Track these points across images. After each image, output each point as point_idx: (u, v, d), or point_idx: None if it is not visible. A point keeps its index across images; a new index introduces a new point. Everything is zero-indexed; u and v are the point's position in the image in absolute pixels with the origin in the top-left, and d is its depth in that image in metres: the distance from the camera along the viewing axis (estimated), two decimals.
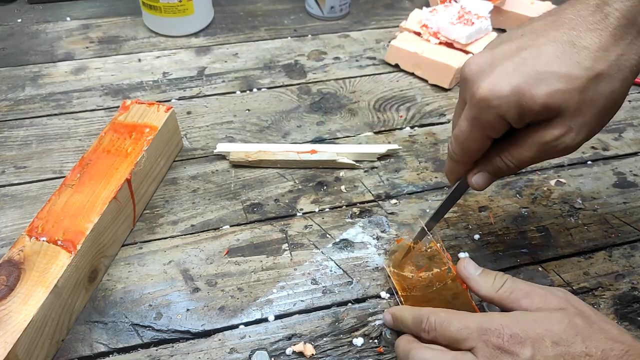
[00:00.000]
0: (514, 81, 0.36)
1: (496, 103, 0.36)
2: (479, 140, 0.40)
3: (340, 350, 0.46)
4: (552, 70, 0.35)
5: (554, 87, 0.35)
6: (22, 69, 0.74)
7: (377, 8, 0.89)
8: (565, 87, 0.35)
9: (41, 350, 0.43)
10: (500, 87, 0.36)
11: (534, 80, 0.35)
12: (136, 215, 0.55)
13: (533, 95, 0.35)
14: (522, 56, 0.36)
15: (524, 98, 0.36)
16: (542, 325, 0.36)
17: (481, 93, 0.37)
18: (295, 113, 0.69)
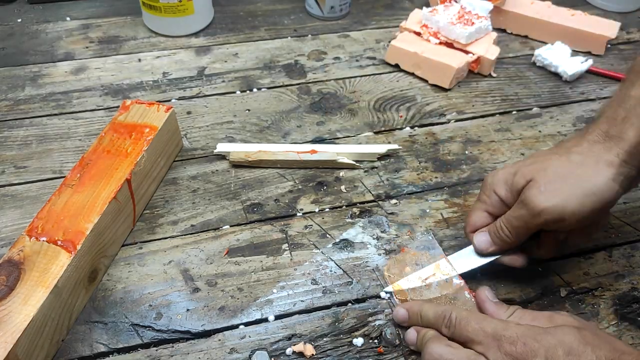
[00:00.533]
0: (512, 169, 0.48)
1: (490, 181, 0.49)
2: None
3: (340, 350, 0.46)
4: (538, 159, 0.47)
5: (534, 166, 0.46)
6: (22, 69, 0.74)
7: (377, 8, 0.89)
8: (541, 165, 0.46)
9: (41, 351, 0.43)
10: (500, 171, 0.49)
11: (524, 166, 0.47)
12: (136, 215, 0.55)
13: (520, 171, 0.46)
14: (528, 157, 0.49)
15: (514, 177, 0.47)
16: (555, 336, 0.38)
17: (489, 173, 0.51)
18: (295, 113, 0.69)
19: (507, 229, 0.47)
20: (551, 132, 0.67)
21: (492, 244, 0.48)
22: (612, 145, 0.44)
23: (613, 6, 0.89)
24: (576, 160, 0.44)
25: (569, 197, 0.43)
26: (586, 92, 0.74)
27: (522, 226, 0.46)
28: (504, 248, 0.48)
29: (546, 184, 0.44)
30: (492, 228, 0.48)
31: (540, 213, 0.44)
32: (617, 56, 0.80)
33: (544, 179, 0.44)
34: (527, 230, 0.46)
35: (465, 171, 0.62)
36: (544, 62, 0.76)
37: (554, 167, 0.45)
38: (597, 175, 0.43)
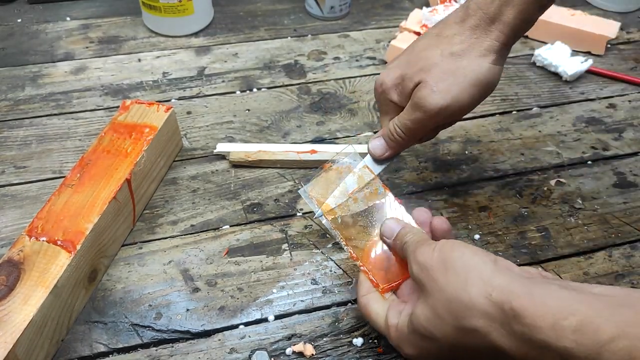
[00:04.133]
0: (397, 72, 0.47)
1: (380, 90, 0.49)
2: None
3: (340, 350, 0.46)
4: (420, 57, 0.46)
5: (419, 66, 0.46)
6: (22, 69, 0.74)
7: (377, 8, 0.89)
8: (425, 65, 0.46)
9: (41, 350, 0.43)
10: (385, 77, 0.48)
11: (408, 66, 0.47)
12: (136, 215, 0.55)
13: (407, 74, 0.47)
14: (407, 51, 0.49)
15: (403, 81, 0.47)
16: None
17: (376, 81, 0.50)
18: (295, 113, 0.69)
19: (402, 131, 0.47)
20: (551, 132, 0.67)
21: (387, 149, 0.49)
22: (492, 29, 0.44)
23: (613, 6, 0.89)
24: (458, 51, 0.45)
25: (460, 92, 0.44)
26: (586, 92, 0.74)
27: (418, 127, 0.47)
28: (398, 152, 0.50)
29: (437, 83, 0.45)
30: (386, 133, 0.49)
31: (437, 113, 0.45)
32: (617, 56, 0.80)
33: (433, 79, 0.45)
34: (423, 130, 0.47)
35: (465, 171, 0.62)
36: (543, 62, 0.76)
37: (440, 65, 0.45)
38: (480, 64, 0.45)
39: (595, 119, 0.70)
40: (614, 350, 0.28)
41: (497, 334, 0.33)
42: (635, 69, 0.78)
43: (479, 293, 0.34)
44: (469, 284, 0.34)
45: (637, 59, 0.79)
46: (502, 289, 0.33)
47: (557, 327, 0.30)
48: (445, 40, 0.46)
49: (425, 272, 0.37)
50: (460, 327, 0.34)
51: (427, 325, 0.36)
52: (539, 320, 0.31)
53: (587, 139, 0.67)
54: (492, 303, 0.33)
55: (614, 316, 0.29)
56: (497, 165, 0.63)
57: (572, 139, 0.67)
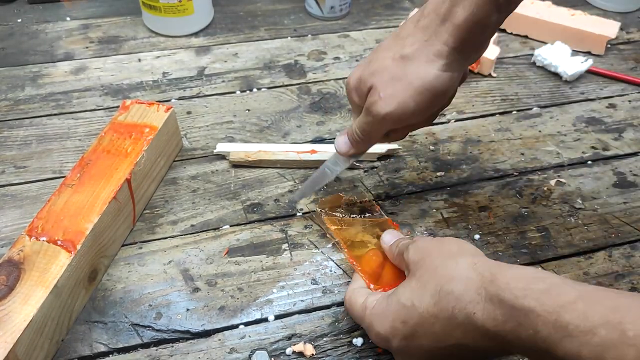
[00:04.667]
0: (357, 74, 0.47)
1: (347, 89, 0.49)
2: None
3: (340, 350, 0.46)
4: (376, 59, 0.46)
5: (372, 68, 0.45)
6: (22, 69, 0.74)
7: (377, 8, 0.89)
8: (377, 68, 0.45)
9: (41, 350, 0.43)
10: (351, 76, 0.48)
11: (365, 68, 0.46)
12: (136, 215, 0.55)
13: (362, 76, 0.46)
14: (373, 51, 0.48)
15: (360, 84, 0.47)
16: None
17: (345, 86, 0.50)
18: (295, 113, 0.69)
19: (359, 133, 0.48)
20: (551, 132, 0.67)
21: (350, 147, 0.50)
22: (442, 31, 0.42)
23: (613, 6, 0.89)
24: (408, 54, 0.43)
25: (405, 99, 0.43)
26: (586, 92, 0.74)
27: (373, 130, 0.47)
28: (362, 150, 0.51)
29: (384, 89, 0.44)
30: (350, 131, 0.50)
31: (383, 119, 0.45)
32: (617, 56, 0.80)
33: (381, 84, 0.44)
34: (378, 132, 0.47)
35: (465, 171, 0.62)
36: (543, 62, 0.76)
37: (389, 70, 0.44)
38: (427, 70, 0.43)
39: (595, 119, 0.70)
40: (571, 310, 0.30)
41: (471, 299, 0.35)
42: (635, 69, 0.78)
43: (465, 262, 0.37)
44: (458, 256, 0.38)
45: (637, 59, 0.79)
46: (488, 262, 0.37)
47: (527, 289, 0.32)
48: (399, 42, 0.45)
49: (421, 251, 0.41)
50: (440, 291, 0.36)
51: (409, 295, 0.38)
52: (512, 282, 0.33)
53: (587, 139, 0.67)
54: (475, 271, 0.36)
55: (578, 285, 0.32)
56: (497, 165, 0.63)
57: (572, 139, 0.67)
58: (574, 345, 0.29)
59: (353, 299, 0.43)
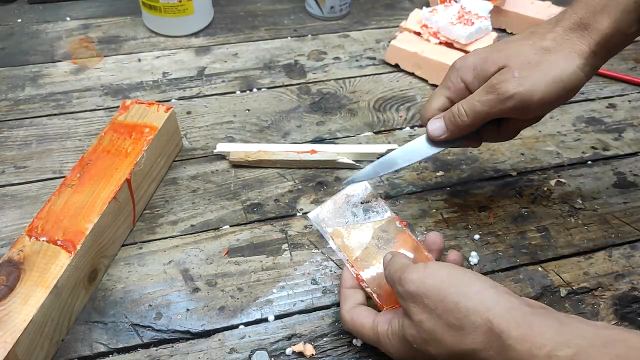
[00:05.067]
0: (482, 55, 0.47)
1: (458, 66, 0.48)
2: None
3: (340, 350, 0.46)
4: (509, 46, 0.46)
5: (506, 53, 0.45)
6: (22, 69, 0.74)
7: (377, 8, 0.89)
8: (513, 52, 0.45)
9: (41, 351, 0.43)
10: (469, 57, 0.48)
11: (494, 52, 0.46)
12: (136, 215, 0.55)
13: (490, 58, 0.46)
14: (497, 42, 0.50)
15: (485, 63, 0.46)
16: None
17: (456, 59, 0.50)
18: (295, 113, 0.69)
19: (466, 114, 0.46)
20: (551, 132, 0.67)
21: (445, 131, 0.48)
22: (585, 35, 0.44)
23: None
24: (549, 47, 0.44)
25: (539, 83, 0.43)
26: (586, 92, 0.74)
27: (485, 111, 0.45)
28: (456, 135, 0.48)
29: (519, 69, 0.44)
30: (448, 114, 0.48)
31: (510, 98, 0.44)
32: (617, 56, 0.79)
33: (516, 65, 0.44)
34: (488, 115, 0.46)
35: (465, 171, 0.62)
36: None
37: (527, 54, 0.45)
38: (567, 64, 0.44)
39: (595, 119, 0.70)
40: None
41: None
42: (635, 69, 0.78)
43: (481, 321, 0.34)
44: (469, 312, 0.35)
45: (637, 59, 0.79)
46: (503, 316, 0.34)
47: (552, 356, 0.30)
48: (537, 37, 0.45)
49: (418, 300, 0.37)
50: (458, 350, 0.35)
51: (422, 344, 0.37)
52: (535, 349, 0.31)
53: (587, 139, 0.67)
54: (491, 330, 0.34)
55: (607, 348, 0.30)
56: (497, 165, 0.63)
57: (572, 139, 0.67)
58: None
59: (358, 321, 0.42)
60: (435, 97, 0.49)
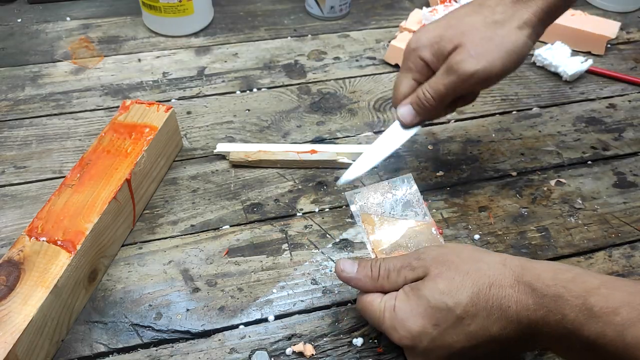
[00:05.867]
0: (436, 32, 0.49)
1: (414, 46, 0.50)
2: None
3: (340, 350, 0.46)
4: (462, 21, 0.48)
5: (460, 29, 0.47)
6: (22, 69, 0.74)
7: (377, 8, 0.89)
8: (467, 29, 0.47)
9: (41, 351, 0.43)
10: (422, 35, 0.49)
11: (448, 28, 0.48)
12: (136, 215, 0.55)
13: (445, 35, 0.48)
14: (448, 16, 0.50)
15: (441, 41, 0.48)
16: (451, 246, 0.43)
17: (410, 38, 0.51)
18: (295, 113, 0.69)
19: (432, 96, 0.49)
20: (551, 132, 0.67)
21: (416, 115, 0.51)
22: (530, 4, 0.47)
23: (613, 6, 0.89)
24: (498, 20, 0.47)
25: (495, 59, 0.46)
26: (586, 92, 0.74)
27: (449, 92, 0.48)
28: (427, 117, 0.51)
29: (474, 47, 0.46)
30: (414, 99, 0.50)
31: (470, 76, 0.47)
32: (617, 56, 0.80)
33: (471, 43, 0.47)
34: (453, 95, 0.49)
35: (465, 171, 0.62)
36: (544, 62, 0.76)
37: (480, 31, 0.47)
38: (518, 35, 0.47)
39: (595, 119, 0.70)
40: (595, 295, 0.34)
41: (505, 294, 0.37)
42: (635, 69, 0.78)
43: (495, 261, 0.39)
44: (484, 258, 0.39)
45: (637, 59, 0.79)
46: (514, 258, 0.39)
47: (555, 278, 0.36)
48: (487, 10, 0.48)
49: (442, 256, 0.40)
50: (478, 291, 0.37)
51: (440, 297, 0.38)
52: (542, 273, 0.37)
53: (587, 139, 0.67)
54: (506, 267, 0.38)
55: (600, 275, 0.36)
56: (497, 165, 0.63)
57: (572, 139, 0.67)
58: (598, 325, 0.33)
59: (368, 301, 0.42)
60: (401, 81, 0.51)
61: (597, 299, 0.33)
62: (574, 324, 0.34)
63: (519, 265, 0.38)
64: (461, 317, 0.37)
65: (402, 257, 0.42)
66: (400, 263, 0.41)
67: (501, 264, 0.38)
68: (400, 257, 0.42)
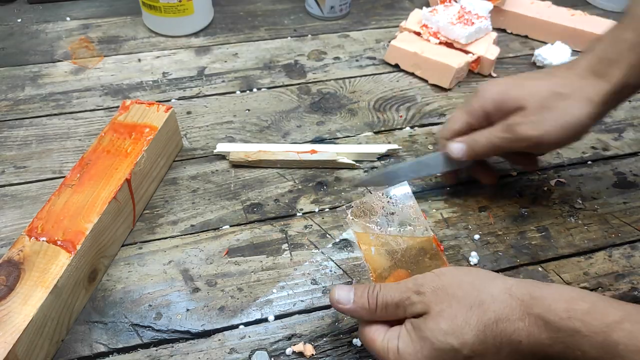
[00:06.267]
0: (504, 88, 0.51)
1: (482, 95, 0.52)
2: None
3: (340, 350, 0.46)
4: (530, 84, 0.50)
5: (526, 91, 0.49)
6: (22, 69, 0.74)
7: (377, 8, 0.89)
8: (532, 92, 0.49)
9: (41, 351, 0.43)
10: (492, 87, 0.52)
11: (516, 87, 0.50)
12: (136, 215, 0.55)
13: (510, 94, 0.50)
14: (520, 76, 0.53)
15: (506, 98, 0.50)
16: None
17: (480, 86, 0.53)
18: (295, 113, 0.69)
19: (485, 145, 0.51)
20: None
21: (465, 155, 0.53)
22: (596, 84, 0.47)
23: (613, 6, 0.89)
24: (563, 92, 0.48)
25: (552, 129, 0.48)
26: None
27: (502, 147, 0.50)
28: (472, 158, 0.53)
29: (535, 114, 0.48)
30: (470, 141, 0.52)
31: (525, 140, 0.49)
32: None
33: (534, 109, 0.48)
34: (503, 149, 0.51)
35: (465, 171, 0.62)
36: (544, 62, 0.76)
37: (543, 98, 0.48)
38: (579, 111, 0.47)
39: None
40: (618, 330, 0.31)
41: (515, 328, 0.35)
42: None
43: (499, 290, 0.36)
44: (487, 288, 0.37)
45: None
46: (520, 284, 0.37)
47: (570, 309, 0.33)
48: (555, 79, 0.49)
49: (439, 293, 0.38)
50: (484, 328, 0.36)
51: (444, 337, 0.36)
52: (554, 303, 0.34)
53: (587, 139, 0.67)
54: (513, 297, 0.36)
55: (620, 305, 0.33)
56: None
57: None
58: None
59: (370, 338, 0.40)
60: (458, 119, 0.53)
61: (620, 336, 0.31)
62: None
63: (527, 294, 0.36)
64: (469, 357, 0.36)
65: (401, 287, 0.40)
66: (398, 296, 0.39)
67: (507, 294, 0.36)
68: (398, 286, 0.40)
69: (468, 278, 0.38)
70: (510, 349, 0.35)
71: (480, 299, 0.36)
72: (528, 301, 0.35)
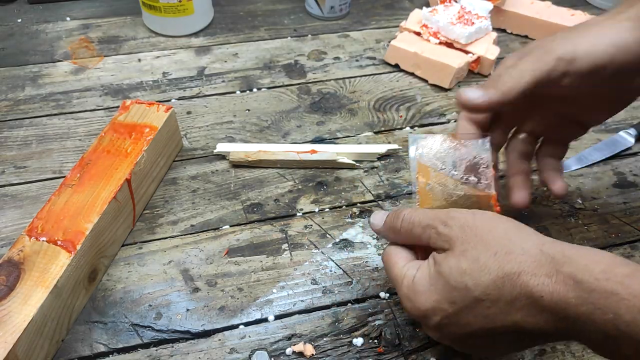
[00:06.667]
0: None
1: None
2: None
3: (340, 350, 0.46)
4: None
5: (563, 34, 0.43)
6: (22, 69, 0.74)
7: (377, 8, 0.89)
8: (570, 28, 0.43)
9: (41, 351, 0.43)
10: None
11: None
12: (136, 215, 0.55)
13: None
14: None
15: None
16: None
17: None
18: (295, 113, 0.69)
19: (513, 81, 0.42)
20: None
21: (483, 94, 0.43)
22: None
23: (613, 6, 0.88)
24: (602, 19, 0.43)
25: (581, 40, 0.41)
26: None
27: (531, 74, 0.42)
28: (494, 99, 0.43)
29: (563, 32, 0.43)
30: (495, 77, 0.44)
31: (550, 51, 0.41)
32: None
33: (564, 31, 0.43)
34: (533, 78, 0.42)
35: None
36: None
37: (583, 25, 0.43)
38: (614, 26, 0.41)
39: None
40: None
41: (539, 282, 0.33)
42: None
43: (532, 244, 0.34)
44: (519, 240, 0.35)
45: None
46: (555, 243, 0.34)
47: (609, 272, 0.31)
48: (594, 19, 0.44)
49: (470, 229, 0.36)
50: (504, 275, 0.34)
51: (460, 277, 0.35)
52: (592, 264, 0.32)
53: (587, 139, 0.67)
54: (544, 254, 0.34)
55: None
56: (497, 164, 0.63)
57: None
58: None
59: (392, 261, 0.40)
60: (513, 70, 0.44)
61: None
62: (630, 326, 0.30)
63: (560, 252, 0.33)
64: (479, 299, 0.34)
65: (432, 214, 0.39)
66: (426, 221, 0.38)
67: (538, 249, 0.34)
68: (430, 212, 0.39)
69: (503, 225, 0.36)
70: (527, 302, 0.33)
71: (508, 248, 0.35)
72: (560, 259, 0.33)
